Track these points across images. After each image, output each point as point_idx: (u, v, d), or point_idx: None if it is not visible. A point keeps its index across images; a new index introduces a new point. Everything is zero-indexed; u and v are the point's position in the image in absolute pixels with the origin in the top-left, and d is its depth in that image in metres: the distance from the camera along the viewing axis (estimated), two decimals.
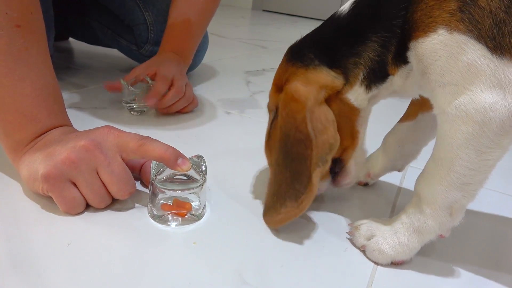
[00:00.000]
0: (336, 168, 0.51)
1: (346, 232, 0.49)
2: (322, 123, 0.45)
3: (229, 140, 0.72)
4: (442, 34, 0.37)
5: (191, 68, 1.06)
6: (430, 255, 0.47)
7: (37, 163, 0.46)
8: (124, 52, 1.08)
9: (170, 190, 0.47)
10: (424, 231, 0.43)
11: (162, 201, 0.47)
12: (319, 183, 0.47)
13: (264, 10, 3.52)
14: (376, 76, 0.44)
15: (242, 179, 0.59)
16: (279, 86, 0.48)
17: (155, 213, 0.47)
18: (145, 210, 0.49)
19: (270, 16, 3.11)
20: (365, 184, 0.62)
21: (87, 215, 0.47)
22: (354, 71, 0.44)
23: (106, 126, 0.49)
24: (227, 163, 0.64)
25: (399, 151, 0.57)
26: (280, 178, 0.46)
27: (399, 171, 0.60)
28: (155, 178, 0.47)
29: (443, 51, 0.37)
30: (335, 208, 0.55)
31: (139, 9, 0.98)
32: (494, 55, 0.35)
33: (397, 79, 0.44)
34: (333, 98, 0.46)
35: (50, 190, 0.45)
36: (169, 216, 0.47)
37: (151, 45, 1.00)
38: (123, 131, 0.48)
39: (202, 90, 0.85)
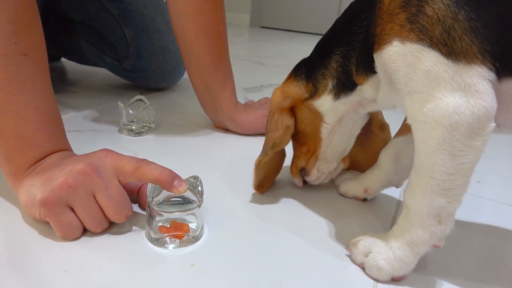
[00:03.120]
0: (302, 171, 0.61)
1: (346, 249, 0.49)
2: (276, 124, 0.54)
3: (227, 159, 0.72)
4: (396, 45, 0.38)
5: (168, 84, 1.13)
6: (430, 269, 0.46)
7: (35, 188, 0.46)
8: (109, 69, 1.11)
9: (167, 212, 0.47)
10: (417, 242, 0.42)
11: (159, 224, 0.47)
12: (295, 179, 0.62)
13: (262, 27, 3.56)
14: (345, 86, 0.48)
15: (240, 198, 0.59)
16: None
17: (152, 236, 0.47)
18: (143, 233, 0.49)
19: (269, 32, 3.15)
20: (364, 199, 0.61)
21: (84, 240, 0.47)
22: (323, 82, 0.50)
23: (104, 149, 0.49)
24: (225, 182, 0.64)
25: (395, 166, 0.56)
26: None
27: (396, 187, 0.59)
28: (151, 201, 0.47)
29: (401, 61, 0.39)
30: (334, 225, 0.54)
31: (119, 25, 1.02)
32: (450, 60, 0.36)
33: (366, 88, 0.46)
34: (299, 105, 0.54)
35: (47, 215, 0.45)
36: (167, 238, 0.47)
37: (132, 59, 1.03)
38: (120, 154, 0.49)
39: (200, 108, 0.86)
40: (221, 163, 0.70)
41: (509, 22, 0.35)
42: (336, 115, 0.52)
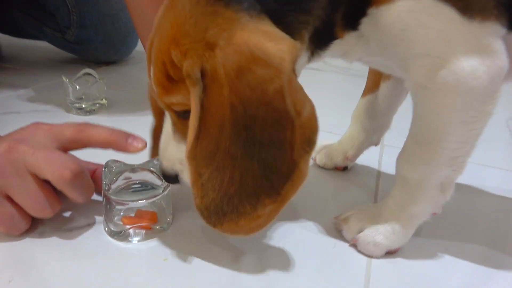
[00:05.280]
0: None
1: (334, 226, 0.44)
2: (302, 96, 0.34)
3: None
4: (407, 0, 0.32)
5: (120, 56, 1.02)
6: (422, 236, 0.44)
7: None
8: (50, 42, 1.00)
9: (130, 201, 0.40)
10: (417, 213, 0.40)
11: (122, 214, 0.40)
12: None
13: None
14: (321, 41, 0.36)
15: None
16: (194, 39, 0.33)
17: (112, 229, 0.40)
18: (101, 226, 0.42)
19: None
20: (344, 168, 0.58)
21: (30, 240, 0.39)
22: (300, 33, 0.35)
23: (34, 123, 0.41)
24: None
25: (371, 125, 0.54)
26: (240, 174, 0.34)
27: (376, 145, 0.56)
28: (108, 189, 0.40)
29: (411, 19, 0.33)
30: (315, 201, 0.50)
31: None
32: (465, 17, 0.32)
33: (343, 44, 0.37)
34: None
35: None
36: (130, 231, 0.40)
37: (76, 28, 0.93)
38: (54, 124, 0.41)
39: None
40: None
41: None
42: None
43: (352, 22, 0.36)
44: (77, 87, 0.69)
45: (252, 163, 0.34)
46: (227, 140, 0.33)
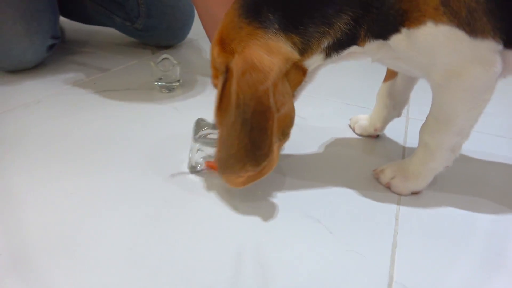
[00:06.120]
0: None
1: (373, 175, 0.61)
2: (284, 97, 0.45)
3: None
4: (430, 26, 0.44)
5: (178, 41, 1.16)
6: (438, 185, 0.60)
7: None
8: (119, 29, 1.13)
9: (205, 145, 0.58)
10: (434, 167, 0.55)
11: (201, 158, 0.58)
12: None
13: None
14: (341, 46, 0.47)
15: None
16: (227, 44, 0.45)
17: (192, 164, 0.59)
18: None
19: None
20: (377, 136, 0.73)
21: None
22: (320, 40, 0.45)
23: None
24: None
25: (392, 103, 0.68)
26: (238, 143, 0.46)
27: (398, 117, 0.71)
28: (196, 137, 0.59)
29: (433, 40, 0.45)
30: (357, 160, 0.66)
31: None
32: (471, 37, 0.44)
33: (364, 49, 0.47)
34: (290, 67, 0.46)
35: None
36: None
37: (144, 18, 1.07)
38: None
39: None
40: None
41: None
42: (315, 70, 0.51)
43: (382, 36, 0.47)
44: (163, 70, 0.85)
45: (245, 138, 0.46)
46: (233, 116, 0.46)
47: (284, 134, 0.47)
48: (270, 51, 0.43)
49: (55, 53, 1.01)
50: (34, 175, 0.57)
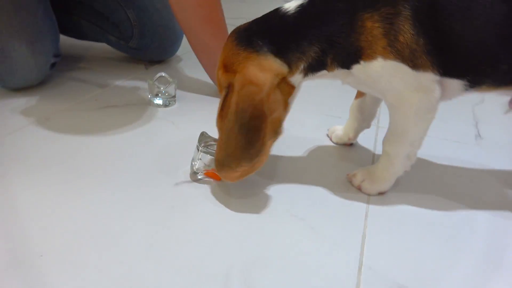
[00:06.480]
0: None
1: (346, 178, 0.71)
2: (275, 104, 0.56)
3: None
4: (380, 60, 0.54)
5: (169, 56, 1.24)
6: (401, 186, 0.71)
7: None
8: (112, 46, 1.21)
9: (206, 153, 0.68)
10: (396, 171, 0.66)
11: (203, 166, 0.68)
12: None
13: None
14: (314, 69, 0.57)
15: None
16: (229, 67, 0.57)
17: (194, 169, 0.68)
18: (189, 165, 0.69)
19: None
20: (351, 144, 0.84)
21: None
22: (297, 63, 0.56)
23: None
24: None
25: (362, 117, 0.79)
26: (235, 143, 0.56)
27: (368, 128, 0.81)
28: (200, 146, 0.68)
29: (383, 71, 0.55)
30: (332, 165, 0.77)
31: (121, 8, 1.12)
32: (414, 70, 0.54)
33: (333, 73, 0.58)
34: (280, 80, 0.56)
35: None
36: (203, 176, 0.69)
37: (137, 38, 1.15)
38: None
39: (199, 75, 1.03)
40: None
41: (448, 45, 0.53)
42: (300, 84, 0.61)
43: (345, 65, 0.57)
44: (161, 87, 0.93)
45: (242, 139, 0.56)
46: (232, 122, 0.56)
47: (277, 133, 0.58)
48: (263, 69, 0.55)
49: (55, 69, 1.08)
50: (42, 189, 0.64)
